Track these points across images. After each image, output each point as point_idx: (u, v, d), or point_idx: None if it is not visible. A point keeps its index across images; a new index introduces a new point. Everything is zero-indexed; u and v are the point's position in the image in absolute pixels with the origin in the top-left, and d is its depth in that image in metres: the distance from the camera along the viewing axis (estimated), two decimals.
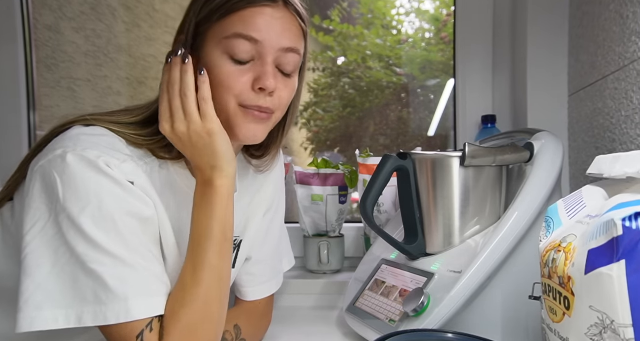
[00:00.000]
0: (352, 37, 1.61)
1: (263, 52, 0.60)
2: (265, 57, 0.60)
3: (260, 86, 0.60)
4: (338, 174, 1.13)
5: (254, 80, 0.60)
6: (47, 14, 1.54)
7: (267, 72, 0.60)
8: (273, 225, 0.83)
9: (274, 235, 0.84)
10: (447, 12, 1.54)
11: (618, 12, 0.77)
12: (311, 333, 0.86)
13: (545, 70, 1.02)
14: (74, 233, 0.52)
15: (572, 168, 0.98)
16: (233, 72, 0.60)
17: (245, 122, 0.62)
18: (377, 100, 1.65)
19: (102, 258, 0.52)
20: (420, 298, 0.66)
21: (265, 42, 0.59)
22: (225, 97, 0.60)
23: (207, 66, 0.60)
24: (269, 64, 0.60)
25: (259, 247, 0.81)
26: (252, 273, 0.81)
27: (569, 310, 0.42)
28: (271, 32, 0.60)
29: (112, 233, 0.54)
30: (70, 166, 0.54)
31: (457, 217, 0.74)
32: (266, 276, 0.82)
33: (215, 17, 0.60)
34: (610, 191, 0.48)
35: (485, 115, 1.13)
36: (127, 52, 1.67)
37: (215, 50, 0.60)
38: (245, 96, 0.60)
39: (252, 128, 0.62)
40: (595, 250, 0.39)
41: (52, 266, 0.52)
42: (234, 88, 0.60)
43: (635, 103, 0.71)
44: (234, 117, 0.62)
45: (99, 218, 0.53)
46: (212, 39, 0.60)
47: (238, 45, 0.59)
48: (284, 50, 0.61)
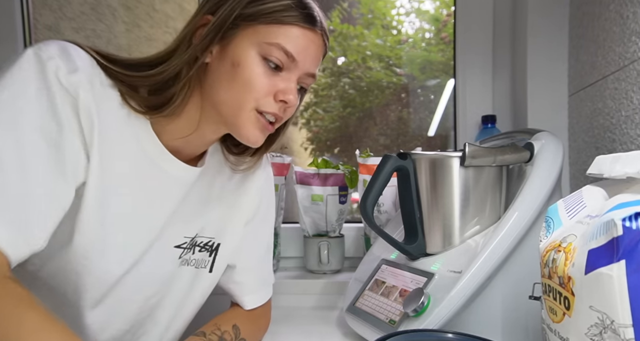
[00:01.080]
0: (352, 37, 1.61)
1: (293, 70, 0.63)
2: (293, 74, 0.63)
3: (284, 99, 0.63)
4: (338, 174, 1.13)
5: (278, 90, 0.62)
6: (47, 14, 1.54)
7: (292, 88, 0.63)
8: (259, 234, 0.82)
9: (261, 243, 0.83)
10: (447, 12, 1.54)
11: (618, 12, 0.77)
12: (311, 333, 0.86)
13: (545, 70, 1.02)
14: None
15: (572, 168, 0.98)
16: (264, 76, 0.61)
17: (253, 127, 0.63)
18: (377, 100, 1.65)
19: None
20: (420, 298, 0.66)
21: (300, 63, 0.63)
22: (246, 96, 0.61)
23: (235, 59, 0.61)
24: (294, 80, 0.64)
25: (244, 255, 0.80)
26: (239, 282, 0.80)
27: (569, 310, 0.42)
28: (307, 56, 0.63)
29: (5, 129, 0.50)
30: (23, 58, 0.54)
31: (457, 217, 0.74)
32: (255, 285, 0.81)
33: (262, 19, 0.61)
34: (610, 191, 0.48)
35: (485, 115, 1.14)
36: (127, 52, 1.67)
37: (251, 49, 0.61)
38: (265, 101, 0.62)
39: (257, 135, 0.64)
40: (595, 250, 0.39)
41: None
42: (259, 90, 0.61)
43: (635, 103, 0.71)
44: (245, 117, 0.62)
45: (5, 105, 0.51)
46: (250, 36, 0.61)
47: (277, 55, 0.61)
48: (308, 75, 0.65)
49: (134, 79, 0.61)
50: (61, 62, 0.55)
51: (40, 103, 0.53)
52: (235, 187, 0.78)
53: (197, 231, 0.74)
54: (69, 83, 0.55)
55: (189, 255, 0.74)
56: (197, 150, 0.71)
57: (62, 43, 0.58)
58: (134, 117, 0.62)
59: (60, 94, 0.54)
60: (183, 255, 0.73)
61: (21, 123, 0.51)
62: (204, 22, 0.62)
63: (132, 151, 0.63)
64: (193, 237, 0.74)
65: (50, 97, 0.53)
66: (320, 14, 0.65)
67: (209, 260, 0.77)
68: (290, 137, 1.91)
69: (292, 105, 0.64)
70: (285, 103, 0.63)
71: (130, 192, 0.63)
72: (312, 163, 1.15)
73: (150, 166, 0.65)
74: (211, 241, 0.76)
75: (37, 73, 0.53)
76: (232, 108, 0.62)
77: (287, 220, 1.24)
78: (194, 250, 0.75)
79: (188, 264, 0.74)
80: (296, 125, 1.71)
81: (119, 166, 0.61)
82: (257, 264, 0.82)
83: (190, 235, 0.73)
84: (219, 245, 0.77)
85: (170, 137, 0.66)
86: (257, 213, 0.81)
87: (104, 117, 0.58)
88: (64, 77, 0.54)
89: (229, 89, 0.61)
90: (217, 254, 0.77)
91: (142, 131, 0.63)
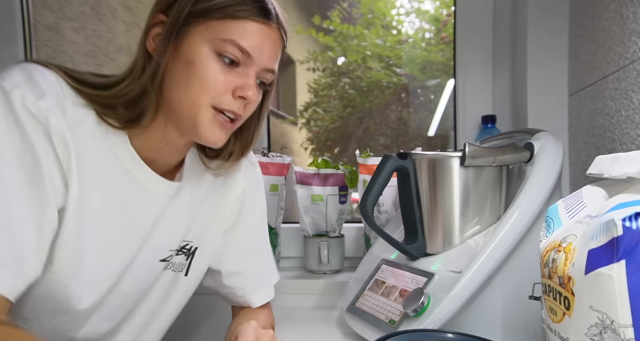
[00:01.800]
0: (352, 37, 1.61)
1: (250, 65, 0.61)
2: (250, 70, 0.62)
3: (242, 95, 0.61)
4: (338, 174, 1.13)
5: (236, 87, 0.61)
6: (47, 14, 1.54)
7: (251, 84, 0.61)
8: (242, 237, 0.80)
9: (247, 246, 0.81)
10: (447, 12, 1.54)
11: (618, 12, 0.77)
12: (311, 333, 0.86)
13: (545, 70, 1.02)
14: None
15: (572, 168, 0.98)
16: (219, 73, 0.60)
17: (211, 126, 0.61)
18: (377, 100, 1.65)
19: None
20: (420, 298, 0.66)
21: (256, 59, 0.61)
22: (202, 95, 0.59)
23: (189, 58, 0.59)
24: (252, 76, 0.62)
25: (227, 260, 0.79)
26: (229, 286, 0.79)
27: (569, 310, 0.42)
28: (263, 51, 0.61)
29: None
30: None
31: (457, 217, 0.74)
32: (247, 288, 0.80)
33: (214, 14, 0.59)
34: (610, 191, 0.48)
35: (485, 115, 1.14)
36: (127, 52, 1.67)
37: (204, 46, 0.59)
38: (222, 98, 0.60)
39: (217, 134, 0.62)
40: (595, 250, 0.39)
41: None
42: (216, 89, 0.60)
43: (635, 103, 0.71)
44: (202, 116, 0.60)
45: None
46: (203, 33, 0.59)
47: (231, 51, 0.59)
48: (266, 70, 0.63)
49: (107, 99, 0.60)
50: (26, 90, 0.53)
51: (12, 138, 0.52)
52: (216, 194, 0.76)
53: (180, 242, 0.73)
54: (38, 110, 0.53)
55: (171, 259, 0.73)
56: (171, 160, 0.69)
57: (26, 67, 0.56)
58: (111, 132, 0.61)
59: (29, 123, 0.53)
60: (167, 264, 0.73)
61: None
62: (157, 21, 0.61)
63: (111, 168, 0.62)
64: (177, 247, 0.73)
65: (20, 129, 0.52)
66: (276, 6, 0.63)
67: (186, 264, 0.75)
68: (290, 137, 1.90)
69: (252, 102, 0.62)
70: (245, 99, 0.61)
71: (109, 211, 0.62)
72: (312, 163, 1.15)
73: (130, 182, 0.64)
74: (189, 244, 0.75)
75: (3, 106, 0.52)
76: (189, 108, 0.60)
77: (287, 220, 1.24)
78: (177, 254, 0.74)
79: (169, 268, 0.74)
80: (296, 125, 1.70)
81: (98, 186, 0.60)
82: (247, 267, 0.80)
83: (175, 248, 0.73)
84: (196, 248, 0.76)
85: (145, 148, 0.65)
86: (239, 218, 0.80)
87: (78, 139, 0.57)
88: (32, 105, 0.53)
89: (185, 89, 0.60)
90: (194, 258, 0.76)
91: (119, 146, 0.62)
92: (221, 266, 0.79)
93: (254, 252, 0.82)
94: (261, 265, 0.83)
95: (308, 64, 1.64)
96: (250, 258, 0.81)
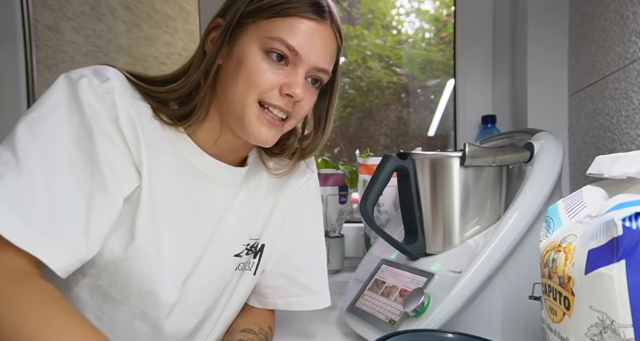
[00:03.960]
0: (352, 37, 1.61)
1: (298, 63, 0.61)
2: (298, 68, 0.61)
3: (289, 92, 0.60)
4: (338, 174, 1.13)
5: (283, 84, 0.61)
6: (47, 14, 1.54)
7: (298, 81, 0.61)
8: (296, 239, 0.78)
9: (298, 250, 0.78)
10: (447, 12, 1.54)
11: (618, 12, 0.77)
12: (311, 333, 0.86)
13: (545, 70, 1.02)
14: (12, 131, 0.52)
15: (572, 168, 0.98)
16: (267, 69, 0.60)
17: (258, 124, 0.61)
18: (377, 100, 1.65)
19: (4, 152, 0.51)
20: (420, 298, 0.66)
21: (304, 57, 0.60)
22: (249, 92, 0.60)
23: (240, 57, 0.60)
24: (300, 74, 0.61)
25: (277, 260, 0.77)
26: (272, 287, 0.77)
27: (569, 310, 0.42)
28: (312, 49, 0.60)
29: (38, 141, 0.51)
30: (56, 81, 0.55)
31: (457, 217, 0.74)
32: (289, 291, 0.77)
33: (264, 13, 0.60)
34: (610, 191, 0.48)
35: (485, 115, 1.14)
36: (127, 52, 1.67)
37: (253, 45, 0.60)
38: (269, 94, 0.61)
39: (264, 133, 0.62)
40: (595, 250, 0.39)
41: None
42: (262, 86, 0.60)
43: (635, 103, 0.71)
44: (249, 112, 0.61)
45: (37, 124, 0.52)
46: (253, 33, 0.60)
47: (278, 48, 0.59)
48: (317, 69, 0.62)
49: (162, 95, 0.62)
50: (92, 76, 0.56)
51: (72, 122, 0.54)
52: (277, 187, 0.76)
53: (250, 235, 0.73)
54: (104, 90, 0.56)
55: (242, 259, 0.73)
56: (233, 156, 0.70)
57: (92, 66, 0.60)
58: (167, 128, 0.63)
59: (93, 106, 0.55)
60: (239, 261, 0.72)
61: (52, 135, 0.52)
62: (215, 25, 0.63)
63: (173, 158, 0.63)
64: (247, 241, 0.73)
65: (81, 113, 0.54)
66: (330, 3, 0.62)
67: (254, 262, 0.74)
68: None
69: (300, 99, 0.61)
70: (291, 97, 0.61)
71: (177, 200, 0.64)
72: None
73: (193, 171, 0.65)
74: (256, 242, 0.74)
75: (68, 92, 0.55)
76: (238, 106, 0.61)
77: None
78: (247, 253, 0.73)
79: (242, 268, 0.73)
80: None
81: (165, 174, 0.62)
82: (293, 271, 0.78)
83: (246, 242, 0.72)
84: (263, 246, 0.75)
85: (204, 144, 0.66)
86: (294, 218, 0.78)
87: (143, 121, 0.60)
88: (98, 87, 0.56)
89: (235, 87, 0.61)
90: (262, 256, 0.75)
91: (178, 140, 0.64)
92: (271, 265, 0.77)
93: (307, 257, 0.79)
94: (312, 273, 0.79)
95: None
96: (302, 262, 0.79)
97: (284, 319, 0.93)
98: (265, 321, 0.78)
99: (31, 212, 0.49)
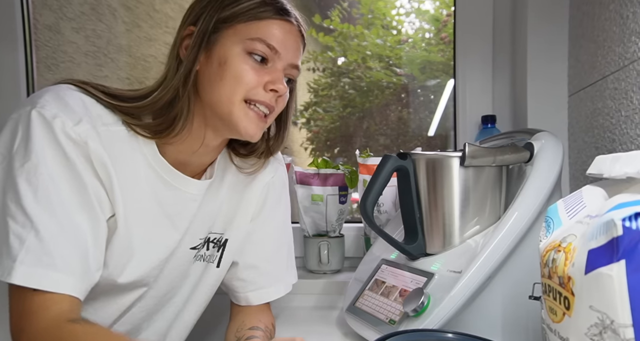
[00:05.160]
0: (352, 37, 1.61)
1: (277, 61, 0.66)
2: (278, 65, 0.67)
3: (274, 88, 0.66)
4: (338, 174, 1.13)
5: (267, 81, 0.65)
6: (47, 14, 1.54)
7: (280, 78, 0.67)
8: (265, 231, 0.83)
9: (267, 241, 0.83)
10: (447, 12, 1.55)
11: (618, 12, 0.77)
12: (311, 333, 0.86)
13: (545, 70, 1.02)
14: (9, 184, 0.56)
15: (572, 168, 0.98)
16: (251, 68, 0.64)
17: (247, 119, 0.66)
18: (377, 100, 1.65)
19: (17, 214, 0.55)
20: (420, 298, 0.66)
21: (282, 54, 0.66)
22: (236, 90, 0.64)
23: (222, 59, 0.64)
24: (280, 70, 0.67)
25: (247, 252, 0.81)
26: (243, 279, 0.81)
27: (568, 310, 0.42)
28: (288, 46, 0.67)
29: (39, 194, 0.56)
30: (31, 122, 0.58)
31: (457, 217, 0.74)
32: (258, 283, 0.82)
33: (240, 18, 0.64)
34: (610, 191, 0.48)
35: (485, 115, 1.13)
36: (127, 52, 1.67)
37: (235, 47, 0.64)
38: (255, 91, 0.65)
39: (254, 127, 0.66)
40: (595, 250, 0.39)
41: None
42: (249, 83, 0.64)
43: (635, 103, 0.71)
44: (237, 111, 0.65)
45: (33, 176, 0.56)
46: (231, 36, 0.65)
47: (260, 48, 0.64)
48: (292, 67, 0.69)
49: (141, 110, 0.65)
50: (65, 117, 0.59)
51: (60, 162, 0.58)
52: (242, 184, 0.80)
53: (209, 230, 0.77)
54: (77, 134, 0.59)
55: (202, 251, 0.77)
56: (205, 161, 0.74)
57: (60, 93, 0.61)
58: (142, 143, 0.66)
59: (71, 148, 0.59)
60: (197, 253, 0.76)
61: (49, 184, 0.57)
62: (188, 32, 0.66)
63: (147, 176, 0.67)
64: (205, 236, 0.77)
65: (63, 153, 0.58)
66: (291, 5, 0.68)
67: (217, 255, 0.79)
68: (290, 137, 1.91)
69: (282, 94, 0.67)
70: (276, 92, 0.66)
71: (151, 215, 0.68)
72: (312, 163, 1.15)
73: (165, 186, 0.69)
74: (220, 236, 0.79)
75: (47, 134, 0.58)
76: (225, 105, 0.64)
77: None
78: (208, 246, 0.78)
79: (202, 259, 0.78)
80: (296, 125, 1.71)
81: (138, 194, 0.66)
82: (264, 260, 0.82)
83: (203, 236, 0.77)
84: (226, 240, 0.79)
85: (178, 153, 0.69)
86: (262, 210, 0.82)
87: (114, 155, 0.63)
88: (71, 130, 0.59)
89: (220, 87, 0.64)
90: (225, 249, 0.79)
91: (150, 155, 0.67)
92: (239, 258, 0.81)
93: (276, 247, 0.84)
94: (281, 261, 0.85)
95: (308, 64, 1.64)
96: (271, 253, 0.83)
97: (284, 319, 0.93)
98: (268, 319, 0.81)
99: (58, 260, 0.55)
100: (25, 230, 0.54)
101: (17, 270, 0.53)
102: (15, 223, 0.54)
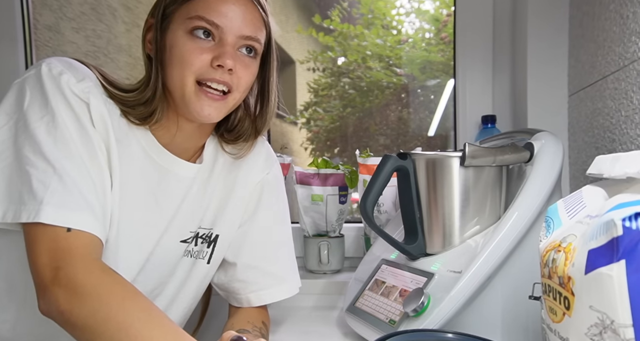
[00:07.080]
0: (352, 37, 1.61)
1: (223, 37, 0.65)
2: (224, 40, 0.65)
3: (219, 63, 0.64)
4: (338, 174, 1.13)
5: (213, 57, 0.64)
6: (47, 14, 1.54)
7: (226, 52, 0.64)
8: (262, 230, 0.82)
9: (265, 241, 0.82)
10: (447, 12, 1.55)
11: (618, 12, 0.77)
12: (311, 333, 0.86)
13: (545, 70, 1.02)
14: (25, 137, 0.58)
15: (572, 168, 0.98)
16: (194, 49, 0.64)
17: (199, 100, 0.65)
18: (377, 100, 1.65)
19: (38, 162, 0.56)
20: (420, 298, 0.66)
21: (226, 28, 0.64)
22: (184, 73, 0.64)
23: (170, 44, 0.65)
24: (227, 45, 0.65)
25: (244, 253, 0.80)
26: (243, 280, 0.80)
27: (568, 310, 0.42)
28: (232, 20, 0.65)
29: (59, 143, 0.58)
30: (42, 78, 0.61)
31: (457, 217, 0.74)
32: (260, 283, 0.80)
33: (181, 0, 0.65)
34: (610, 191, 0.48)
35: (485, 115, 1.13)
36: (127, 52, 1.67)
37: (178, 30, 0.64)
38: (203, 70, 0.64)
39: (206, 109, 0.66)
40: (595, 250, 0.39)
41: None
42: (194, 64, 0.64)
43: (635, 103, 0.71)
44: (189, 94, 0.65)
45: (53, 127, 0.58)
46: (177, 19, 0.65)
47: (200, 25, 0.63)
48: (244, 38, 0.66)
49: (129, 101, 0.67)
50: (70, 74, 0.62)
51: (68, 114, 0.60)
52: (232, 178, 0.80)
53: (199, 223, 0.77)
54: (80, 90, 0.62)
55: (191, 247, 0.77)
56: (188, 146, 0.74)
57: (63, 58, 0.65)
58: (133, 126, 0.68)
59: (76, 102, 0.61)
60: (186, 248, 0.76)
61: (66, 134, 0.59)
62: (148, 25, 0.68)
63: (138, 154, 0.68)
64: (196, 229, 0.77)
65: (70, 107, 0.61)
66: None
67: (208, 252, 0.78)
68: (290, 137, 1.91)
69: (230, 68, 0.64)
70: (222, 67, 0.64)
71: (141, 192, 0.68)
72: (312, 163, 1.15)
73: (154, 166, 0.69)
74: (210, 232, 0.78)
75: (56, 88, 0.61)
76: (178, 89, 0.65)
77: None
78: (196, 242, 0.77)
79: (190, 255, 0.77)
80: (296, 125, 1.71)
81: (130, 169, 0.66)
82: (263, 260, 0.81)
83: (194, 229, 0.76)
84: (217, 236, 0.79)
85: (164, 138, 0.71)
86: (258, 209, 0.82)
87: (113, 119, 0.65)
88: (75, 86, 0.62)
89: (172, 72, 0.65)
90: (216, 246, 0.79)
91: (141, 136, 0.68)
92: (238, 259, 0.80)
93: (275, 247, 0.83)
94: (282, 261, 0.83)
95: (308, 64, 1.64)
96: (270, 253, 0.82)
97: (283, 319, 0.93)
98: (257, 318, 0.79)
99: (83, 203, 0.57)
100: (47, 175, 0.56)
101: (45, 210, 0.54)
102: (37, 170, 0.56)
